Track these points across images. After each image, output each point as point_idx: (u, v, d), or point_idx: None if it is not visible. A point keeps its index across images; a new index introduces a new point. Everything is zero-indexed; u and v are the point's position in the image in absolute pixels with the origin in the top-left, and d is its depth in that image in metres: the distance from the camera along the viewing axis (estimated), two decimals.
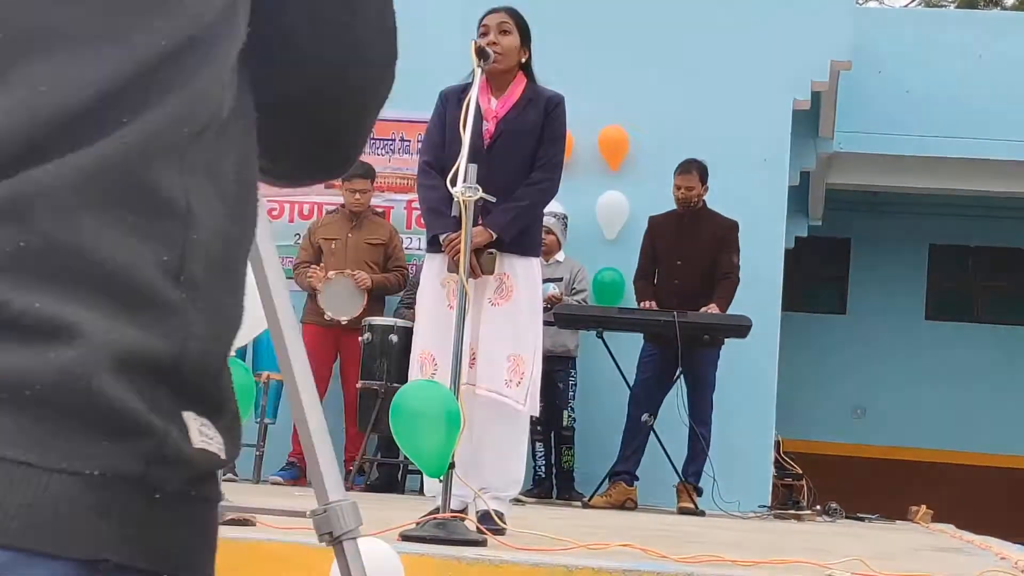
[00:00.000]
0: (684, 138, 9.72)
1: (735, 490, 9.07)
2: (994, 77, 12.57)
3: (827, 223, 14.13)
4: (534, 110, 5.10)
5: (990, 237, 16.03)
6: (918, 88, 12.58)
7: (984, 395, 15.82)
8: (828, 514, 9.41)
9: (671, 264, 9.01)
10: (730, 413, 9.28)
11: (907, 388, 15.90)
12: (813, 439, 15.04)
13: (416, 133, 9.68)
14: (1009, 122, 12.45)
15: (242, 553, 3.90)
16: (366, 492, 8.83)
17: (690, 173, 8.94)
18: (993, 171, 12.80)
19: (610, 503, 8.75)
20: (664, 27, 10.01)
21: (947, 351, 15.93)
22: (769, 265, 9.68)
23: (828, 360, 15.95)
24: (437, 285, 5.01)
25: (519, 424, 5.04)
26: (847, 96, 11.84)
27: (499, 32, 5.08)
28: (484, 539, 4.36)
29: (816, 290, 16.41)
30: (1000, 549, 6.30)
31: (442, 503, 4.40)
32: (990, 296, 16.35)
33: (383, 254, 9.41)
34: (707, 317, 8.68)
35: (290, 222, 10.03)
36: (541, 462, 9.37)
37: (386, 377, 8.74)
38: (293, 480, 9.14)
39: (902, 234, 15.93)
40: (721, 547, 5.16)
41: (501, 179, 4.91)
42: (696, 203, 8.99)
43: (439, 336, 4.86)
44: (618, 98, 9.93)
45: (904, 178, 13.14)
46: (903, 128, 12.56)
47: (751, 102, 9.88)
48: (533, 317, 5.05)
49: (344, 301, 9.15)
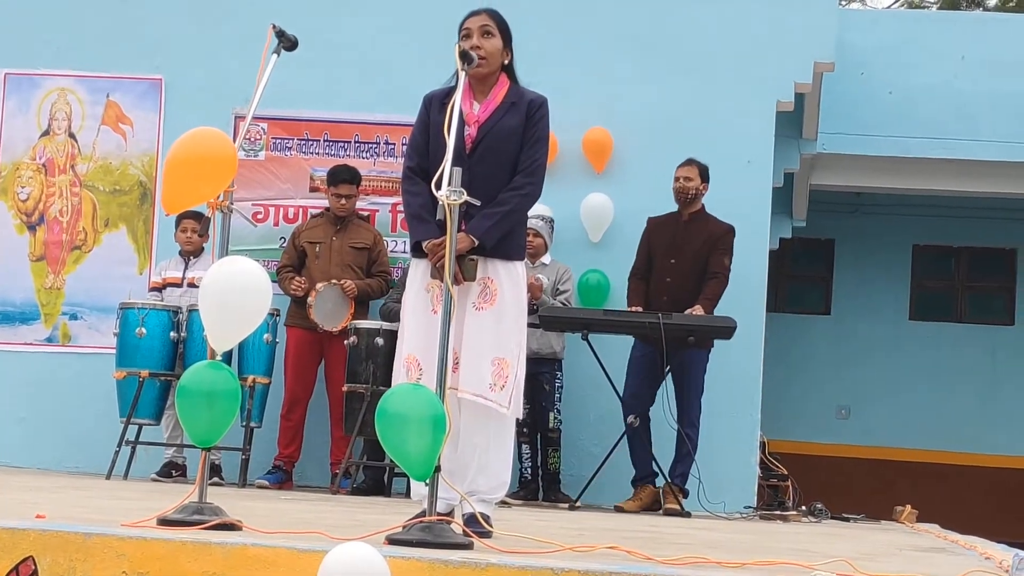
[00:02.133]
0: (668, 140, 9.74)
1: (721, 491, 9.09)
2: (976, 78, 12.60)
3: (811, 224, 14.16)
4: (516, 113, 5.09)
5: (974, 238, 16.07)
6: (901, 89, 12.61)
7: (968, 395, 15.87)
8: (813, 515, 9.43)
9: (665, 263, 9.07)
10: (715, 414, 9.30)
11: (891, 388, 15.93)
12: (798, 440, 15.08)
13: (400, 136, 9.69)
14: (992, 123, 12.49)
15: (228, 558, 3.89)
16: (352, 495, 8.83)
17: (691, 165, 9.11)
18: (976, 172, 12.84)
19: (641, 506, 8.97)
20: (648, 29, 10.02)
21: (931, 351, 15.97)
22: (753, 266, 9.69)
23: (812, 361, 15.99)
24: (422, 290, 5.01)
25: (504, 427, 5.04)
26: (830, 97, 11.87)
27: (481, 35, 5.07)
28: (471, 542, 4.37)
29: (800, 291, 16.45)
30: (985, 549, 6.32)
31: (428, 506, 4.40)
32: (974, 296, 16.39)
33: (367, 258, 9.42)
34: (692, 319, 8.72)
35: (275, 226, 10.03)
36: (527, 464, 9.37)
37: (372, 380, 8.74)
38: (279, 484, 9.14)
39: (886, 235, 15.97)
40: (707, 548, 5.17)
41: (484, 184, 4.91)
42: (693, 196, 9.06)
43: (424, 340, 4.86)
44: (602, 100, 9.94)
45: (887, 179, 13.17)
46: (886, 129, 12.59)
47: (735, 104, 9.90)
48: (517, 320, 5.05)
49: (333, 310, 9.17)
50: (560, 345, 9.38)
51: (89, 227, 10.19)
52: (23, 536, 3.96)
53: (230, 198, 4.76)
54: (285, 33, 5.14)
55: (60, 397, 10.00)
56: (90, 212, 10.20)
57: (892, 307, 16.14)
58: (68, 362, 10.07)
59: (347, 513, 6.40)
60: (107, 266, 10.12)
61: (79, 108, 10.26)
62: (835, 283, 16.33)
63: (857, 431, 15.98)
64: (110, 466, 8.99)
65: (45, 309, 10.15)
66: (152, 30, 10.25)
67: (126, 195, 10.19)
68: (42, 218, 10.22)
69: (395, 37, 10.04)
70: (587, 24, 10.06)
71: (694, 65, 9.97)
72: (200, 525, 4.28)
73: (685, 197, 9.07)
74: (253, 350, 8.97)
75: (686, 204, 9.11)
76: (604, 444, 9.15)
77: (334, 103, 10.07)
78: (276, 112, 9.87)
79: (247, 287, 4.53)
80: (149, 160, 10.17)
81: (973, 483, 15.60)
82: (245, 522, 4.47)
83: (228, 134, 7.87)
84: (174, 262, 9.60)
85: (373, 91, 9.99)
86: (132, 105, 10.24)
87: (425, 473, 4.37)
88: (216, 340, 4.58)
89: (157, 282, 9.62)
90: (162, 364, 9.05)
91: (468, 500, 4.85)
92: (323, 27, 9.92)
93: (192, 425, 4.53)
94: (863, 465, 15.73)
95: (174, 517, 4.41)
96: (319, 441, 9.46)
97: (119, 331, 9.10)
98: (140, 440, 9.18)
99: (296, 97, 9.86)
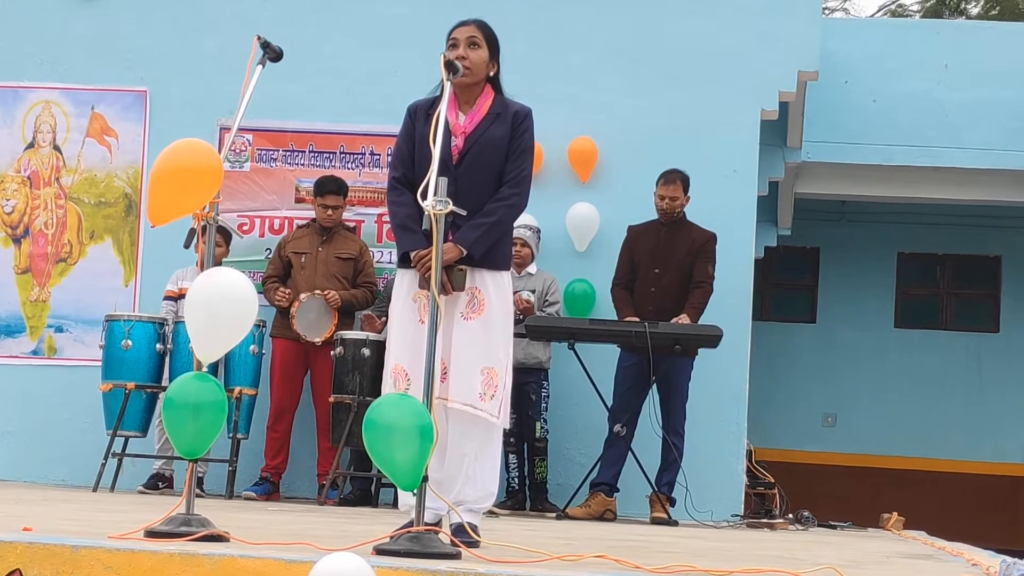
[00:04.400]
0: (653, 149, 9.75)
1: (708, 500, 9.10)
2: (960, 86, 12.65)
3: (796, 232, 14.19)
4: (502, 124, 5.10)
5: (958, 245, 16.13)
6: (885, 97, 12.66)
7: (954, 402, 15.91)
8: (800, 522, 9.43)
9: (649, 273, 9.06)
10: (702, 423, 9.31)
11: (877, 396, 15.97)
12: (785, 447, 15.11)
13: (386, 147, 9.69)
14: (976, 131, 12.54)
15: (216, 569, 3.89)
16: (340, 506, 8.82)
17: (674, 183, 9.03)
18: (960, 179, 12.89)
19: (589, 514, 8.76)
20: (632, 38, 10.04)
21: (916, 358, 16.01)
22: (739, 275, 9.71)
23: (798, 369, 16.02)
24: (409, 300, 5.01)
25: (492, 436, 5.04)
26: (814, 106, 11.91)
27: (468, 46, 5.08)
28: (458, 552, 4.37)
29: (786, 299, 16.48)
30: (972, 555, 6.33)
31: (416, 516, 4.40)
32: (959, 304, 16.43)
33: (353, 269, 9.41)
34: (678, 327, 8.72)
35: (260, 237, 10.02)
36: (514, 474, 9.37)
37: (358, 391, 8.73)
38: (266, 495, 9.12)
39: (871, 243, 16.01)
40: (694, 557, 5.18)
41: (470, 195, 4.92)
42: (678, 213, 9.05)
43: (412, 351, 4.86)
44: (587, 110, 9.96)
45: (872, 187, 13.21)
46: (870, 137, 12.63)
47: (719, 113, 9.92)
48: (505, 330, 5.05)
49: (316, 321, 9.16)
50: (546, 355, 9.39)
51: (74, 239, 10.17)
52: (10, 549, 3.95)
53: (215, 209, 4.76)
54: (270, 44, 5.14)
55: (46, 410, 9.98)
56: (75, 224, 10.18)
57: (877, 315, 16.18)
58: (54, 375, 10.05)
59: (335, 524, 6.39)
60: (92, 278, 10.10)
61: (64, 120, 10.25)
62: (820, 291, 16.37)
63: (843, 439, 16.01)
64: (97, 478, 8.97)
65: (31, 322, 10.13)
66: (137, 42, 10.25)
67: (111, 207, 10.18)
68: (27, 231, 10.20)
69: (380, 47, 10.05)
70: (571, 34, 10.07)
71: (678, 74, 9.98)
72: (187, 537, 4.27)
73: (671, 216, 9.06)
74: (239, 361, 8.97)
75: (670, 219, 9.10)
76: (591, 453, 9.15)
77: (319, 114, 10.07)
78: (261, 123, 9.87)
79: (233, 298, 4.53)
80: (134, 172, 10.16)
81: (959, 490, 15.63)
82: (232, 533, 4.47)
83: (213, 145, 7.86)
84: (192, 272, 9.49)
85: (358, 102, 9.99)
86: (117, 117, 10.22)
87: (413, 483, 4.37)
88: (202, 352, 4.57)
89: (173, 291, 9.48)
90: (148, 376, 9.04)
91: (456, 510, 4.85)
92: (308, 38, 9.92)
93: (179, 437, 4.52)
94: (850, 472, 15.76)
95: (161, 529, 4.40)
96: (306, 452, 9.45)
97: (105, 343, 9.09)
98: (127, 452, 9.16)
99: (281, 108, 9.86)
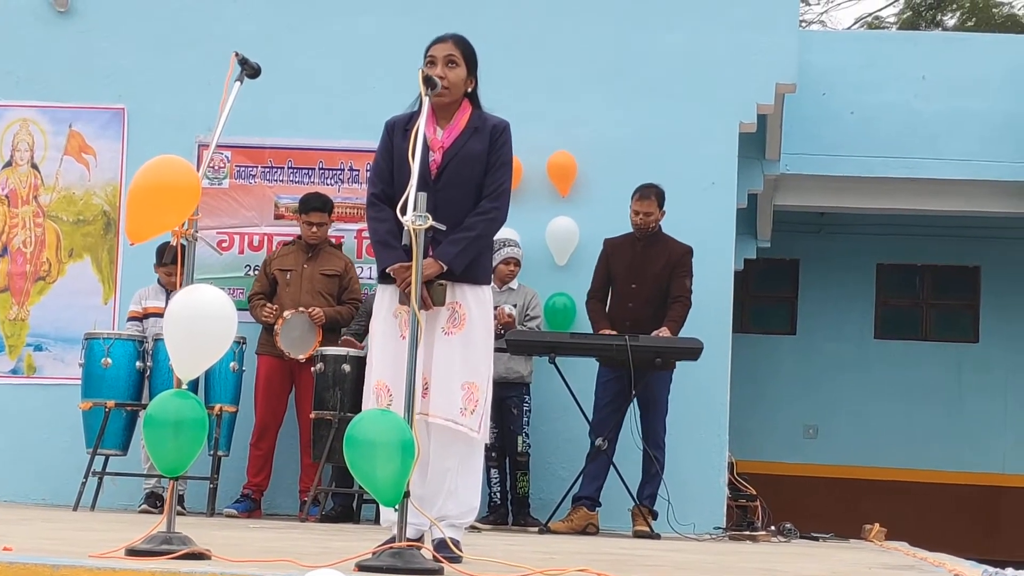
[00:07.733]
0: (632, 162, 9.77)
1: (690, 512, 9.10)
2: (937, 97, 12.71)
3: (775, 244, 14.22)
4: (480, 138, 5.10)
5: (937, 256, 16.18)
6: (862, 109, 12.71)
7: (934, 412, 15.94)
8: (782, 534, 9.45)
9: (626, 287, 9.05)
10: (683, 435, 9.32)
11: (858, 406, 16.00)
12: (766, 459, 15.11)
13: (365, 163, 9.69)
14: (953, 141, 12.59)
15: None
16: (321, 523, 8.79)
17: (649, 199, 9.02)
18: (938, 190, 12.94)
19: (571, 528, 8.76)
20: (610, 52, 10.05)
21: (897, 369, 16.05)
22: (718, 287, 9.72)
23: (779, 380, 16.04)
24: (390, 316, 5.01)
25: (474, 451, 5.04)
26: (793, 118, 11.94)
27: (446, 64, 5.08)
28: (441, 567, 4.36)
29: (766, 311, 16.51)
30: (953, 566, 6.34)
31: (398, 532, 4.39)
32: (938, 314, 16.48)
33: (338, 285, 9.39)
34: (659, 340, 8.73)
35: (240, 254, 10.00)
36: (496, 488, 9.36)
37: (339, 407, 8.72)
38: (247, 513, 9.09)
39: (850, 254, 16.05)
40: (677, 570, 5.18)
41: (450, 209, 4.92)
42: (653, 228, 9.06)
43: (393, 366, 4.86)
44: (566, 124, 9.96)
45: (850, 198, 13.25)
46: (848, 149, 12.68)
47: (698, 126, 9.94)
48: (486, 344, 5.06)
49: (300, 338, 9.14)
50: (527, 369, 9.38)
51: (53, 258, 10.14)
52: None
53: (195, 226, 4.75)
54: (248, 61, 5.14)
55: (26, 429, 9.94)
56: (54, 243, 10.15)
57: (857, 326, 16.22)
58: (33, 394, 10.01)
59: (316, 540, 6.37)
60: (72, 297, 10.07)
61: (41, 139, 10.22)
62: (800, 303, 16.40)
63: (825, 450, 16.04)
64: (77, 497, 8.93)
65: (10, 341, 10.09)
66: (114, 60, 10.23)
67: (90, 225, 10.15)
68: (5, 249, 10.17)
69: (358, 63, 10.05)
70: (550, 48, 10.08)
71: (656, 87, 10.00)
72: (169, 555, 4.26)
73: (646, 231, 9.06)
74: (219, 378, 8.94)
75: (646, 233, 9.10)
76: (573, 467, 9.14)
77: (298, 130, 10.06)
78: (240, 140, 9.86)
79: (212, 315, 4.52)
80: (113, 190, 10.14)
81: (940, 500, 15.66)
82: (214, 551, 4.45)
83: (192, 162, 7.87)
84: (153, 291, 9.51)
85: (336, 118, 9.98)
86: (95, 135, 10.20)
87: (394, 499, 4.37)
88: (182, 369, 4.56)
89: (137, 311, 9.51)
90: (128, 394, 9.02)
91: (438, 525, 4.84)
92: (285, 54, 9.92)
93: (159, 454, 4.51)
94: (831, 484, 15.78)
95: (142, 547, 4.39)
96: (288, 469, 9.43)
97: (84, 362, 9.06)
98: (107, 471, 9.12)
99: (260, 125, 9.85)
